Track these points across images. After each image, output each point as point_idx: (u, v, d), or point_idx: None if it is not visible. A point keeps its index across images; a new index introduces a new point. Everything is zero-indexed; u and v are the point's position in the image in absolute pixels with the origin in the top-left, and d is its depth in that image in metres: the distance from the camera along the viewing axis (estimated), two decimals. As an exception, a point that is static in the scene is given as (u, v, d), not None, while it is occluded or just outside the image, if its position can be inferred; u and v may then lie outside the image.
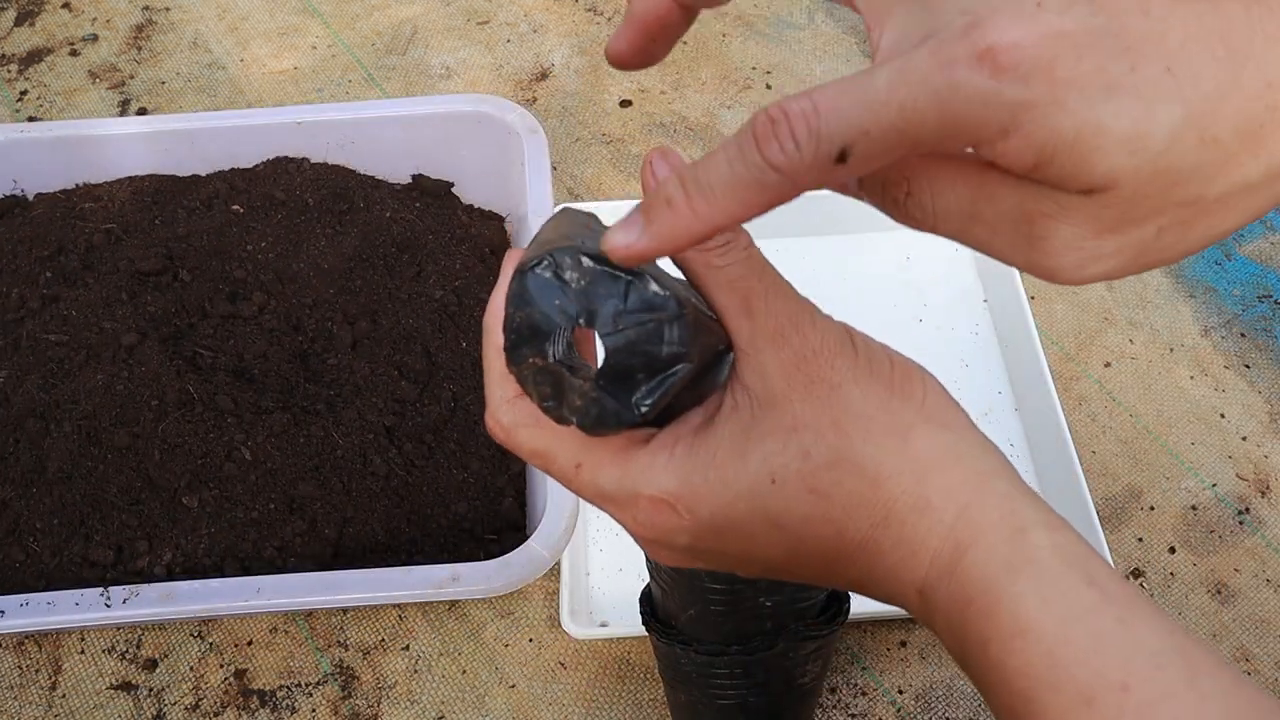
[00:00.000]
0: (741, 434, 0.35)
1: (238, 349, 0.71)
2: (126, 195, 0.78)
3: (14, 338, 0.70)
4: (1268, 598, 0.70)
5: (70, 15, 1.00)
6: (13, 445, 0.66)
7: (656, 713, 0.65)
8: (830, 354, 0.35)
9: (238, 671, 0.66)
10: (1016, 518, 0.33)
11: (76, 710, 0.65)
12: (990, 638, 0.32)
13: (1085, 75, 0.26)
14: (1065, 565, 0.32)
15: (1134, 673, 0.30)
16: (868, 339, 0.37)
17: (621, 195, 0.88)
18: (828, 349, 0.35)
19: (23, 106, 0.93)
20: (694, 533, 0.35)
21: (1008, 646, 0.31)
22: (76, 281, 0.73)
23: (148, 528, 0.64)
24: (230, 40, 0.98)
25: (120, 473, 0.65)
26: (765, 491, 0.34)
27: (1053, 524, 0.33)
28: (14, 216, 0.77)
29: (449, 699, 0.66)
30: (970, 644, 0.32)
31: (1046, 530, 0.33)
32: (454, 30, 0.99)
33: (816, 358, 0.35)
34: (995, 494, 0.34)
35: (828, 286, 0.83)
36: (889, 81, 0.27)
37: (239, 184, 0.78)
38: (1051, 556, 0.32)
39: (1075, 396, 0.78)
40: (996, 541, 0.32)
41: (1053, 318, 0.82)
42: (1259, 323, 0.82)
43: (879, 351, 0.36)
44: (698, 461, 0.35)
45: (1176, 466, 0.75)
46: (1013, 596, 0.31)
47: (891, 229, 0.84)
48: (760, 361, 0.35)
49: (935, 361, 0.83)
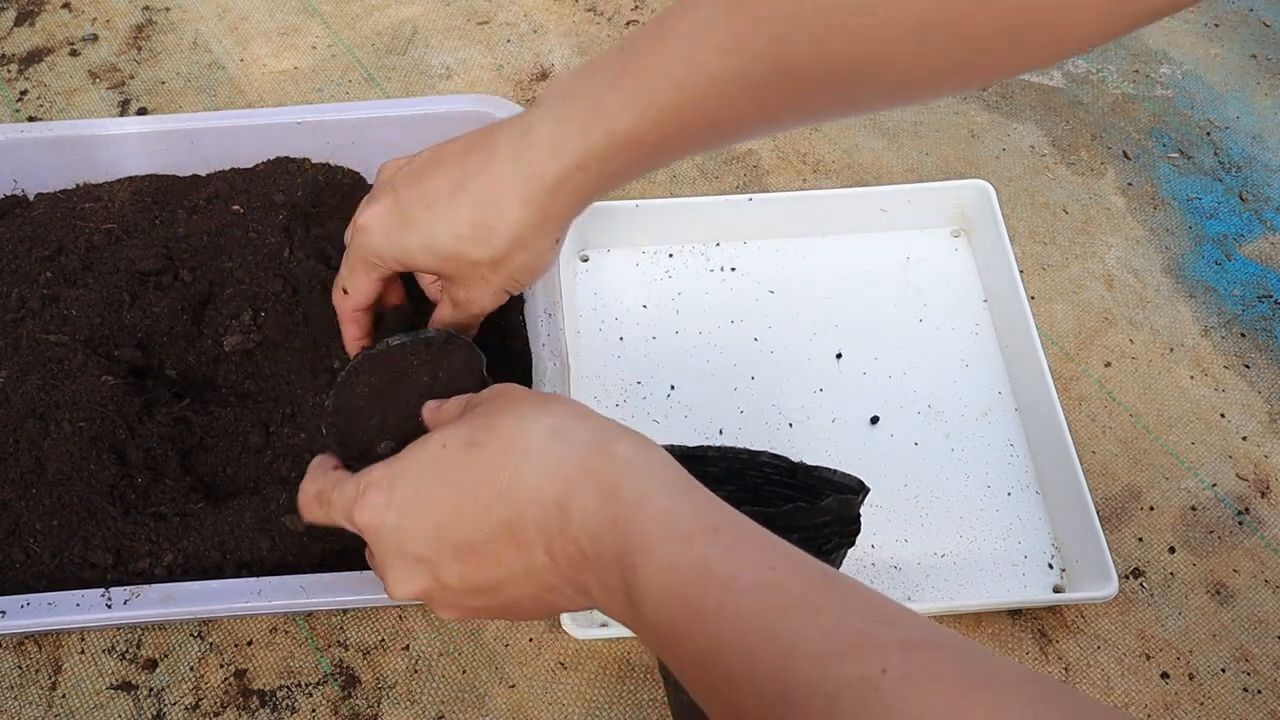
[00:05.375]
0: (436, 429, 0.49)
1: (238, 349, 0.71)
2: (126, 195, 0.78)
3: (14, 338, 0.70)
4: (1267, 598, 0.70)
5: (70, 15, 1.00)
6: (13, 445, 0.66)
7: (656, 713, 0.65)
8: (509, 385, 0.51)
9: (238, 671, 0.66)
10: (637, 436, 0.45)
11: (76, 710, 0.65)
12: (619, 514, 0.42)
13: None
14: (673, 466, 0.44)
15: (722, 523, 0.41)
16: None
17: (620, 195, 0.88)
18: (507, 385, 0.51)
19: (23, 106, 0.93)
20: (393, 506, 0.47)
21: (631, 514, 0.42)
22: (76, 281, 0.73)
23: (148, 528, 0.64)
24: (230, 40, 0.98)
25: (120, 473, 0.65)
26: (437, 456, 0.47)
27: (664, 450, 0.45)
28: (14, 216, 0.77)
29: (449, 699, 0.66)
30: (602, 524, 0.42)
31: (660, 449, 0.45)
32: (454, 30, 0.99)
33: (498, 390, 0.51)
34: (622, 427, 0.46)
35: (828, 286, 0.83)
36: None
37: (239, 184, 0.78)
38: (664, 460, 0.44)
39: (1075, 396, 0.78)
40: (622, 448, 0.44)
41: (1053, 318, 0.82)
42: (1259, 323, 0.82)
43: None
44: (398, 456, 0.49)
45: (1176, 466, 0.75)
46: (633, 482, 0.43)
47: (891, 229, 0.84)
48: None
49: (935, 361, 0.84)
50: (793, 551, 0.41)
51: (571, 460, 0.44)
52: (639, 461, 0.44)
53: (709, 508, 0.42)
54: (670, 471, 0.44)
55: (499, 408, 0.48)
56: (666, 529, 0.41)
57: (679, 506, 0.42)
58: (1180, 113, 0.95)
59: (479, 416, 0.48)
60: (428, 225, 0.56)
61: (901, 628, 0.37)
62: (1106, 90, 0.96)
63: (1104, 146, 0.92)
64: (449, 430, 0.48)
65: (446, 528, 0.46)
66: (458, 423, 0.49)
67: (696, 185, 0.89)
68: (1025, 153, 0.92)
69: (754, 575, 0.39)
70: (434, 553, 0.47)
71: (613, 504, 0.42)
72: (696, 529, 0.41)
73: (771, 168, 0.90)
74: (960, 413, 0.77)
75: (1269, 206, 0.89)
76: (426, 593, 0.48)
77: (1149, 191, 0.90)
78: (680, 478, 0.44)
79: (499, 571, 0.46)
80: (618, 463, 0.43)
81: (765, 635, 0.37)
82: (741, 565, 0.39)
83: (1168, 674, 0.67)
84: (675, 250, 0.85)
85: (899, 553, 0.71)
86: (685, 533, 0.41)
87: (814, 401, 0.77)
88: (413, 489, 0.47)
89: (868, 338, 0.80)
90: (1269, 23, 1.02)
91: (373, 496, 0.48)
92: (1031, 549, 0.71)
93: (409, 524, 0.47)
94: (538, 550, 0.45)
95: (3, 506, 0.64)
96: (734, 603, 0.39)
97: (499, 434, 0.46)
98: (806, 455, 0.71)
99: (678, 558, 0.40)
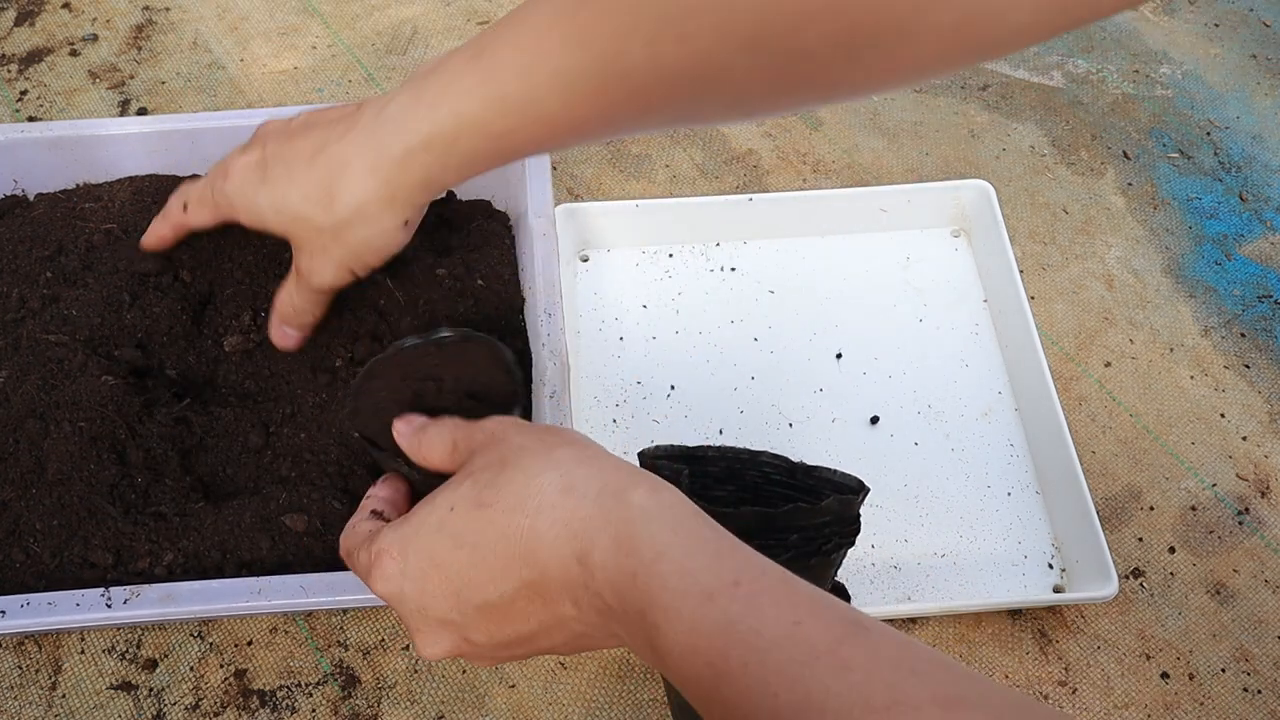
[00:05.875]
0: (437, 491, 0.47)
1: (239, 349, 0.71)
2: (126, 195, 0.78)
3: (14, 338, 0.70)
4: (1267, 598, 0.70)
5: (70, 15, 1.00)
6: (13, 445, 0.66)
7: (656, 713, 0.65)
8: (500, 427, 0.49)
9: (238, 671, 0.66)
10: (650, 481, 0.43)
11: (76, 710, 0.65)
12: (638, 569, 0.40)
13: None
14: (690, 512, 0.42)
15: (744, 574, 0.40)
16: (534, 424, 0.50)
17: (620, 195, 0.88)
18: (501, 425, 0.49)
19: (23, 106, 0.93)
20: (409, 575, 0.46)
21: (650, 569, 0.40)
22: (76, 281, 0.73)
23: (148, 528, 0.64)
24: (230, 40, 0.98)
25: (120, 473, 0.65)
26: (446, 520, 0.46)
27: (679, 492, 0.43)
28: (14, 216, 0.77)
29: (449, 699, 0.66)
30: (622, 580, 0.41)
31: (675, 493, 0.43)
32: (454, 30, 0.99)
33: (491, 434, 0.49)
34: (632, 471, 0.44)
35: (828, 286, 0.83)
36: None
37: (239, 184, 0.78)
38: (681, 506, 0.43)
39: (1075, 396, 0.78)
40: (637, 498, 0.42)
41: (1053, 318, 0.82)
42: (1259, 323, 0.82)
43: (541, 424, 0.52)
44: (404, 520, 0.48)
45: (1176, 466, 0.75)
46: (650, 534, 0.41)
47: (891, 229, 0.85)
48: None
49: (935, 361, 0.84)
50: (817, 598, 0.39)
51: (586, 515, 0.42)
52: (654, 509, 0.42)
53: (730, 557, 0.40)
54: (687, 517, 0.42)
55: (501, 460, 0.46)
56: (688, 585, 0.39)
57: (698, 560, 0.40)
58: (1180, 113, 0.95)
59: (482, 472, 0.46)
60: (283, 186, 0.57)
61: (935, 681, 0.36)
62: (1106, 90, 0.96)
63: (1104, 146, 0.92)
64: (453, 491, 0.47)
65: (468, 591, 0.45)
66: (460, 481, 0.47)
67: (696, 185, 0.89)
68: (1025, 153, 0.92)
69: (778, 630, 0.38)
70: (459, 615, 0.46)
71: (631, 560, 0.41)
72: (718, 584, 0.39)
73: (771, 168, 0.90)
74: (960, 413, 0.77)
75: (1269, 206, 0.89)
76: (457, 651, 0.47)
77: (1149, 191, 0.90)
78: (698, 522, 0.42)
79: (528, 626, 0.45)
80: (634, 513, 0.42)
81: (792, 694, 0.36)
82: (765, 620, 0.38)
83: (1168, 674, 0.67)
84: (675, 250, 0.85)
85: (899, 553, 0.71)
86: (707, 588, 0.39)
87: (814, 401, 0.77)
88: (426, 555, 0.46)
89: (868, 338, 0.80)
90: (1269, 23, 1.02)
91: (386, 565, 0.47)
92: (1031, 549, 0.71)
93: (429, 590, 0.46)
94: (565, 604, 0.43)
95: (3, 506, 0.64)
96: (758, 662, 0.37)
97: (507, 493, 0.44)
98: (806, 455, 0.71)
99: (700, 617, 0.39)
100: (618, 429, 0.76)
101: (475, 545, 0.44)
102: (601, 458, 0.45)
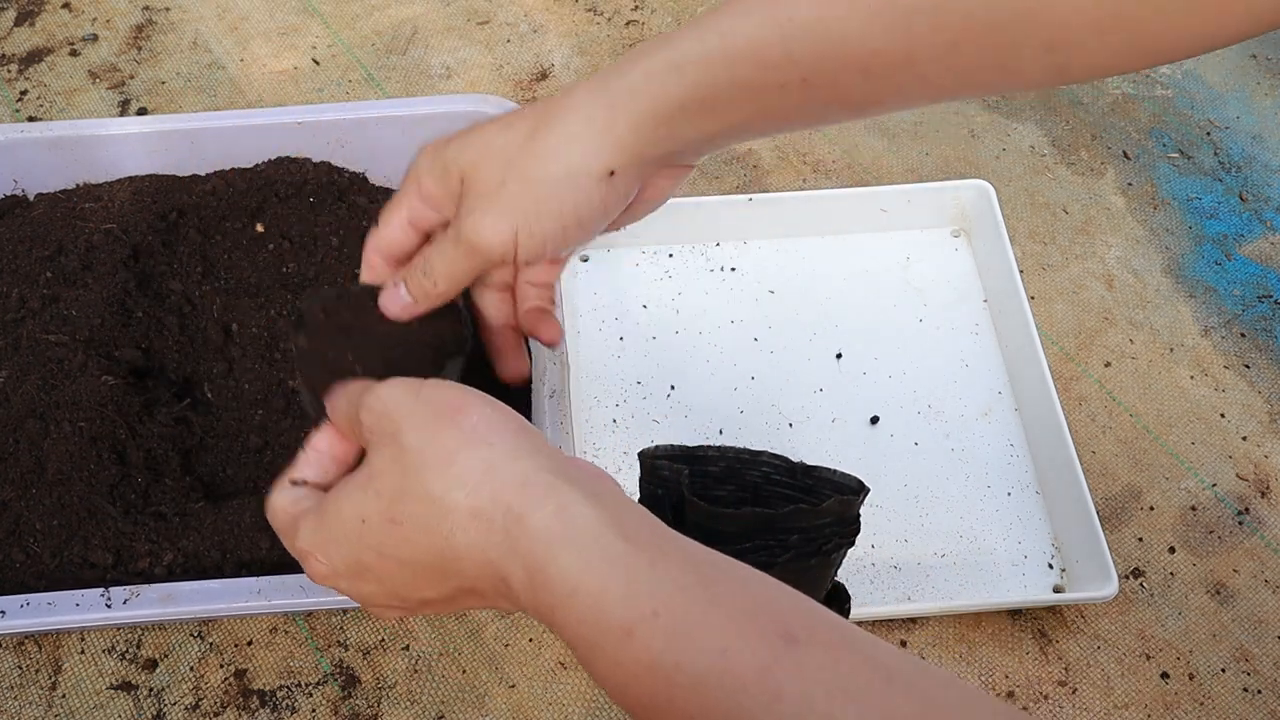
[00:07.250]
0: (341, 491, 0.43)
1: (239, 349, 0.71)
2: (126, 195, 0.78)
3: (14, 338, 0.70)
4: (1267, 598, 0.70)
5: (70, 15, 1.00)
6: (13, 445, 0.66)
7: (656, 713, 0.65)
8: (391, 411, 0.42)
9: (238, 671, 0.66)
10: (558, 495, 0.39)
11: (76, 710, 0.65)
12: (555, 604, 0.38)
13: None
14: (602, 527, 0.38)
15: (662, 601, 0.36)
16: (438, 383, 0.44)
17: (621, 195, 0.88)
18: (389, 408, 0.43)
19: (23, 106, 0.93)
20: (341, 576, 0.44)
21: (566, 605, 0.37)
22: (76, 281, 0.73)
23: (148, 528, 0.64)
24: (230, 40, 0.98)
25: (120, 473, 0.65)
26: (362, 532, 0.42)
27: (593, 497, 0.39)
28: (14, 216, 0.77)
29: (449, 699, 0.66)
30: (543, 612, 0.38)
31: (587, 504, 0.38)
32: (454, 30, 0.99)
33: (382, 419, 0.43)
34: (538, 485, 0.39)
35: (828, 286, 0.83)
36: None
37: (239, 184, 0.78)
38: (591, 524, 0.38)
39: (1075, 396, 0.78)
40: (540, 521, 0.38)
41: (1053, 318, 0.82)
42: (1259, 323, 0.82)
43: (442, 392, 0.43)
44: (318, 521, 0.44)
45: (1176, 466, 0.75)
46: (560, 567, 0.38)
47: (891, 229, 0.84)
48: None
49: (935, 361, 0.83)
50: (744, 612, 0.36)
51: (498, 543, 0.39)
52: (560, 533, 0.38)
53: (647, 578, 0.37)
54: (599, 533, 0.38)
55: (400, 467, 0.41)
56: (606, 622, 0.37)
57: (613, 589, 0.37)
58: (1180, 113, 0.95)
59: (382, 476, 0.42)
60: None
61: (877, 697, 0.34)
62: (1106, 90, 0.96)
63: (1104, 146, 0.92)
64: (360, 496, 0.43)
65: (405, 590, 0.43)
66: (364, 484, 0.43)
67: (696, 185, 0.89)
68: (1025, 153, 0.92)
69: (703, 663, 0.35)
70: (400, 602, 0.45)
71: (546, 595, 0.38)
72: (635, 617, 0.36)
73: (771, 168, 0.90)
74: (960, 413, 0.77)
75: (1269, 206, 0.89)
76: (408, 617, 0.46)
77: (1149, 191, 0.90)
78: (610, 537, 0.38)
79: (474, 604, 0.44)
80: (538, 545, 0.38)
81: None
82: (688, 653, 0.35)
83: (1168, 674, 0.67)
84: (675, 250, 0.85)
85: (899, 553, 0.71)
86: (625, 624, 0.36)
87: (814, 401, 0.77)
88: (353, 561, 0.43)
89: (868, 338, 0.80)
90: (1269, 23, 1.02)
91: (314, 566, 0.44)
92: (1031, 549, 0.71)
93: (365, 590, 0.44)
94: (503, 602, 0.42)
95: (3, 506, 0.64)
96: (684, 699, 0.35)
97: (416, 513, 0.41)
98: (806, 455, 0.71)
99: (622, 655, 0.37)
100: (618, 429, 0.76)
101: (400, 560, 0.42)
102: (503, 464, 0.40)
